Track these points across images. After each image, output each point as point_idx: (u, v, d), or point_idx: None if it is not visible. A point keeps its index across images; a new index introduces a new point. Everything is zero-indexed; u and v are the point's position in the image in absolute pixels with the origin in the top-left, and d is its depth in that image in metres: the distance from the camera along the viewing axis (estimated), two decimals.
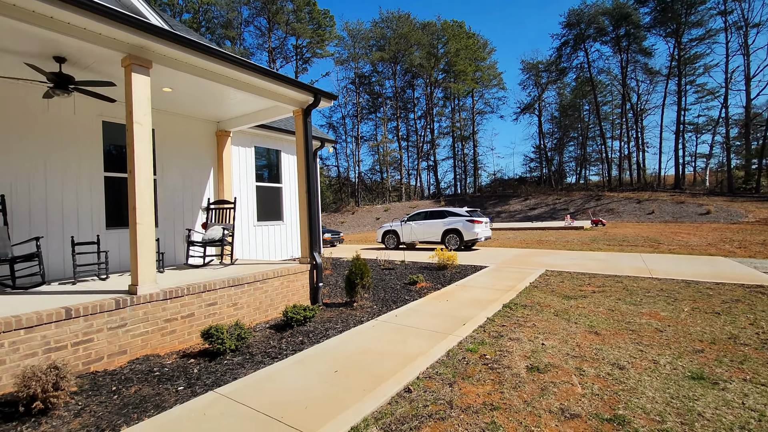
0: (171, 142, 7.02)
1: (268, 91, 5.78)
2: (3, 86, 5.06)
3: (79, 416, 2.91)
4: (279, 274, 5.69)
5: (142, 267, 4.17)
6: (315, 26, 49.20)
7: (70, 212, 5.70)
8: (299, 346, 4.39)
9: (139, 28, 3.97)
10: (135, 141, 4.17)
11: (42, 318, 3.39)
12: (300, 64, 50.86)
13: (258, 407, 2.98)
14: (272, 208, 9.15)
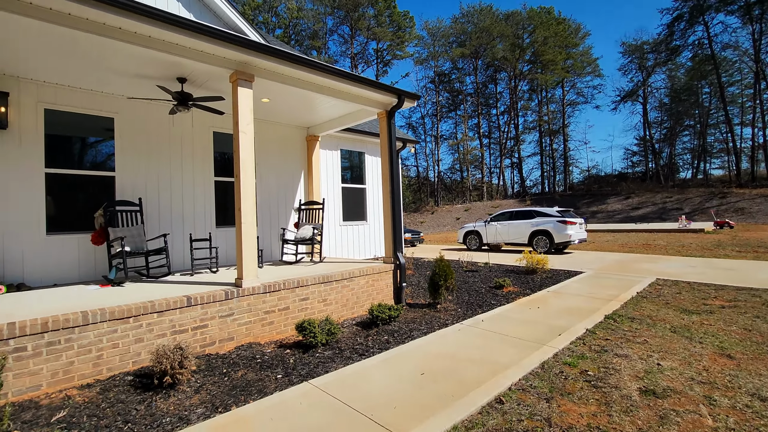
0: (268, 148, 7.67)
1: (355, 95, 5.98)
2: (141, 107, 6.00)
3: (198, 393, 3.31)
4: (364, 273, 5.85)
5: (246, 262, 4.61)
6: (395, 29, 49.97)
7: (189, 212, 6.55)
8: (385, 345, 4.45)
9: (245, 45, 4.39)
10: (240, 148, 4.62)
11: (170, 304, 3.93)
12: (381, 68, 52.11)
13: (348, 402, 3.07)
14: (356, 209, 9.48)
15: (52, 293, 4.53)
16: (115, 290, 4.59)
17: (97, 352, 3.50)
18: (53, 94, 5.34)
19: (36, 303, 3.95)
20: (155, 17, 3.72)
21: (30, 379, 3.17)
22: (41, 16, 3.42)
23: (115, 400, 3.16)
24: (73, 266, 5.42)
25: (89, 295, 4.34)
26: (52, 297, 4.27)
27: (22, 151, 5.11)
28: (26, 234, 5.11)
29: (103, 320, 3.53)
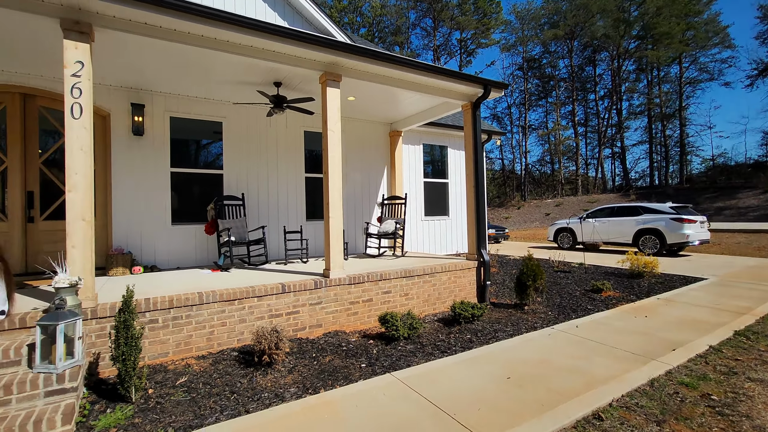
0: (353, 145, 7.95)
1: (438, 88, 5.87)
2: (244, 111, 6.66)
3: (291, 373, 3.58)
4: (447, 269, 5.76)
5: (333, 255, 4.85)
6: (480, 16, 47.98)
7: (283, 206, 7.12)
8: (468, 344, 4.33)
9: (333, 47, 4.59)
10: (329, 146, 4.85)
11: (267, 290, 4.32)
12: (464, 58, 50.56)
13: (430, 398, 3.05)
14: (438, 203, 9.36)
15: (175, 275, 5.29)
16: (223, 275, 5.19)
17: (210, 328, 3.99)
18: (176, 104, 6.19)
19: (164, 283, 4.65)
20: (257, 28, 4.07)
21: (160, 347, 3.75)
22: (169, 37, 3.97)
23: (223, 371, 3.58)
24: (190, 252, 6.26)
25: (203, 278, 4.97)
26: (175, 278, 4.99)
27: (154, 153, 6.03)
28: (158, 224, 6.04)
29: (214, 301, 4.01)
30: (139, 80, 5.57)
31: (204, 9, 3.77)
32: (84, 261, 3.47)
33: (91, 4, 3.44)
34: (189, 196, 6.42)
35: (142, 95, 5.92)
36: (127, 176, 5.83)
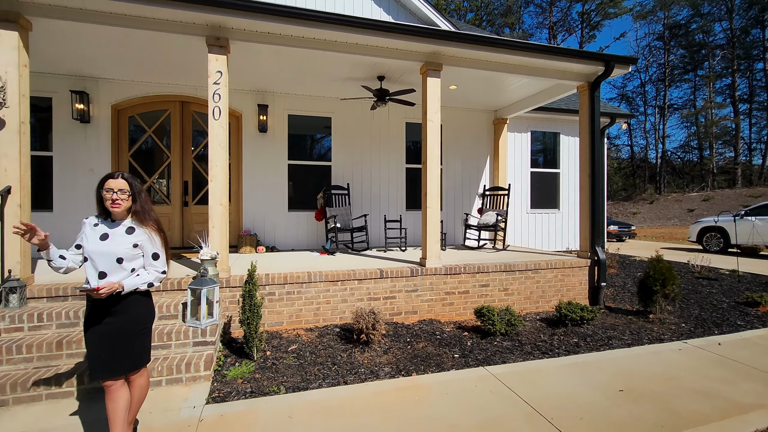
0: (454, 135, 7.83)
1: (549, 69, 5.39)
2: (350, 105, 7.08)
3: (386, 354, 3.76)
4: (552, 266, 5.32)
5: (429, 244, 4.89)
6: None
7: (384, 196, 7.41)
8: (574, 348, 3.96)
9: (432, 36, 4.57)
10: (428, 136, 4.88)
11: (367, 275, 4.58)
12: (587, 32, 44.98)
13: (525, 398, 2.90)
14: (547, 195, 8.65)
15: (289, 255, 5.97)
16: (329, 258, 5.66)
17: (317, 304, 4.42)
18: (292, 102, 6.90)
19: (280, 261, 5.29)
20: (359, 25, 4.28)
21: (276, 316, 4.30)
22: (305, 45, 4.44)
23: (327, 344, 3.94)
24: (302, 236, 6.97)
25: (312, 259, 5.50)
26: (290, 258, 5.62)
27: (275, 147, 6.84)
28: (277, 210, 6.87)
29: (321, 281, 4.42)
30: (263, 83, 6.35)
31: (317, 13, 4.11)
32: (221, 239, 4.16)
33: (228, 22, 4.04)
34: (302, 186, 7.13)
35: (266, 96, 6.75)
36: (254, 168, 6.74)
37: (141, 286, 2.07)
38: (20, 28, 3.64)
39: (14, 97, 3.60)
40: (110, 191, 2.02)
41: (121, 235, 2.07)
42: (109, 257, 2.02)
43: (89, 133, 5.98)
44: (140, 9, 3.78)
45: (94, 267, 2.03)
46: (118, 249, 2.04)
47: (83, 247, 2.05)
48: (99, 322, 2.03)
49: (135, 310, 2.10)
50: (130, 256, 2.07)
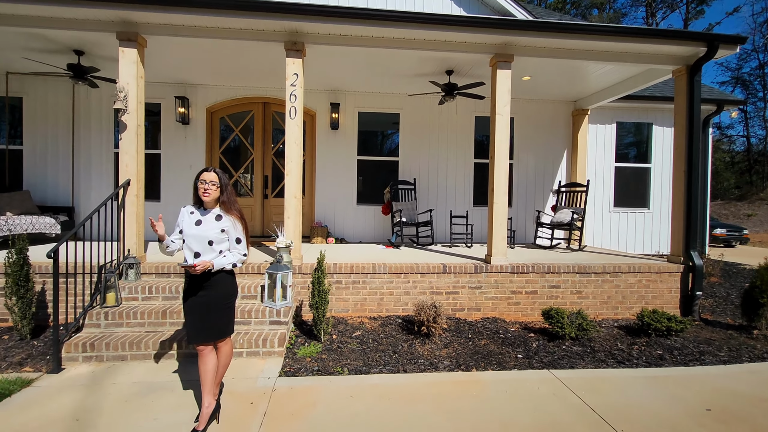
0: (527, 128, 7.47)
1: (637, 54, 4.89)
2: (417, 101, 7.12)
3: (446, 347, 3.79)
4: (635, 270, 4.86)
5: (495, 241, 4.77)
6: None
7: (451, 191, 7.34)
8: (656, 360, 3.61)
9: (504, 26, 4.42)
10: (496, 130, 4.74)
11: (430, 269, 4.63)
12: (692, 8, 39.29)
13: (594, 406, 2.73)
14: (635, 192, 7.84)
15: (357, 247, 6.23)
16: (394, 251, 5.80)
17: (380, 295, 4.58)
18: (362, 100, 7.14)
19: (348, 252, 5.55)
20: (426, 21, 4.30)
21: (342, 303, 4.54)
22: (376, 44, 4.62)
23: (389, 333, 4.08)
24: (369, 229, 7.21)
25: (378, 252, 5.68)
26: (357, 250, 5.87)
27: (345, 144, 7.15)
28: (346, 204, 7.19)
29: (384, 272, 4.57)
30: (336, 83, 6.67)
31: (384, 12, 4.23)
32: (295, 229, 4.51)
33: (304, 27, 4.34)
34: (370, 181, 7.36)
35: (338, 95, 7.08)
36: (326, 163, 7.12)
37: (227, 265, 2.38)
38: (138, 45, 4.30)
39: (133, 104, 4.27)
40: (204, 182, 2.36)
41: (211, 221, 2.39)
42: (202, 240, 2.36)
43: (188, 133, 6.82)
44: (230, 21, 4.23)
45: (190, 248, 2.38)
46: (209, 233, 2.36)
47: (183, 232, 2.42)
48: (195, 294, 2.38)
49: (222, 286, 2.42)
50: (218, 240, 2.38)
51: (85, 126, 6.62)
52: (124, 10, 4.04)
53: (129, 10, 4.04)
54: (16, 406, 2.66)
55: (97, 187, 6.62)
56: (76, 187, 6.59)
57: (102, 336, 3.50)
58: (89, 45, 5.11)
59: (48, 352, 3.52)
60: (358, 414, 2.60)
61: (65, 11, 4.07)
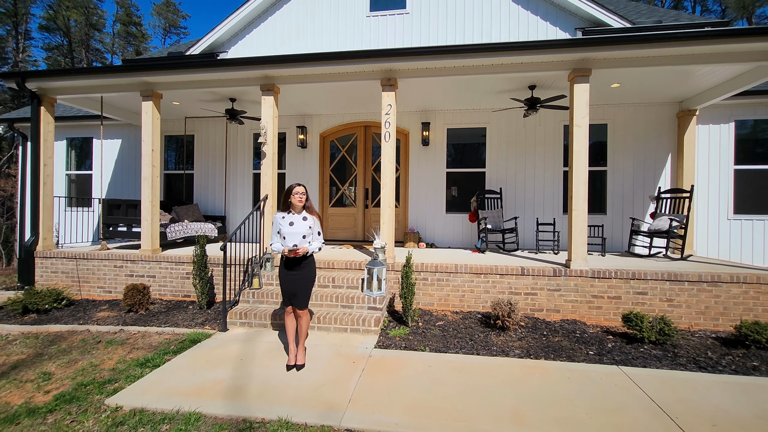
0: (622, 133, 7.24)
1: (738, 54, 4.64)
2: (503, 115, 7.50)
3: (519, 340, 4.21)
4: (740, 280, 4.55)
5: (575, 246, 4.98)
6: None
7: (538, 199, 7.50)
8: (747, 370, 3.51)
9: (577, 45, 4.70)
10: (574, 141, 4.98)
11: (508, 270, 5.05)
12: None
13: (660, 402, 2.90)
14: (761, 197, 6.94)
15: (445, 252, 6.86)
16: (479, 255, 6.29)
17: (462, 292, 5.16)
18: (451, 117, 7.80)
19: (436, 255, 6.23)
20: (502, 49, 4.83)
21: (428, 298, 5.24)
22: (457, 73, 5.35)
23: (468, 325, 4.64)
24: (458, 235, 7.78)
25: (464, 256, 6.25)
26: (444, 254, 6.51)
27: (435, 158, 7.88)
28: (436, 212, 7.89)
29: (465, 272, 5.15)
30: (425, 104, 7.48)
31: (463, 47, 4.90)
32: (388, 233, 5.39)
33: (395, 66, 5.26)
34: (458, 190, 7.94)
35: (428, 115, 7.87)
36: (418, 176, 7.94)
37: (315, 249, 3.51)
38: (274, 93, 5.71)
39: (270, 137, 5.67)
40: (297, 194, 3.49)
41: (300, 221, 3.50)
42: (297, 235, 3.45)
43: (306, 156, 8.33)
44: (337, 68, 5.37)
45: (288, 242, 3.46)
46: (301, 229, 3.45)
47: (280, 232, 3.47)
48: (291, 271, 3.49)
49: (311, 267, 3.58)
50: (308, 233, 3.48)
51: (233, 153, 8.60)
52: (265, 69, 5.47)
53: (268, 69, 5.46)
54: (205, 348, 3.99)
55: (241, 200, 8.52)
56: (227, 200, 8.57)
57: (251, 309, 4.80)
58: (239, 93, 6.82)
59: (217, 318, 4.96)
60: (435, 377, 3.28)
61: (228, 74, 5.69)
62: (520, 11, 7.91)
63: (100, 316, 5.23)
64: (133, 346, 4.13)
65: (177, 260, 5.94)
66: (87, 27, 35.79)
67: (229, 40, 9.04)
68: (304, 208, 3.56)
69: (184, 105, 7.62)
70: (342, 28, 8.53)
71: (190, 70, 5.80)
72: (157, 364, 3.60)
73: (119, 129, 8.96)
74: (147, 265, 6.03)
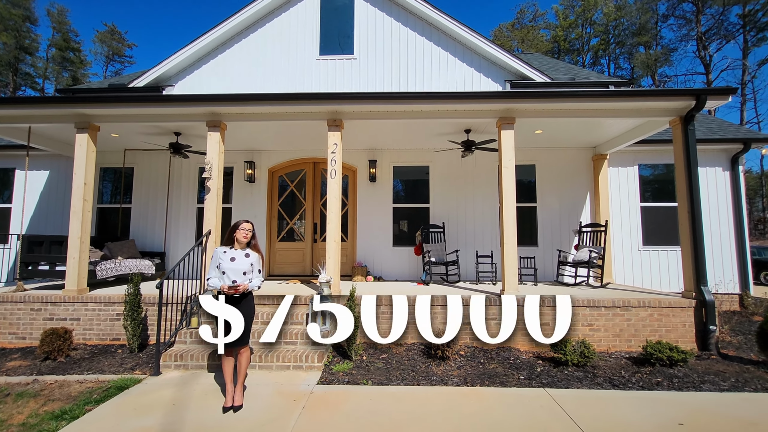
0: (549, 173, 8.07)
1: (634, 110, 5.51)
2: (444, 155, 8.08)
3: (458, 369, 4.41)
4: (646, 305, 5.16)
5: (508, 277, 5.38)
6: None
7: (479, 233, 8.01)
8: (652, 385, 3.95)
9: (501, 97, 5.36)
10: (503, 181, 5.52)
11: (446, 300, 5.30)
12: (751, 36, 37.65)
13: (576, 418, 3.20)
14: (664, 231, 7.95)
15: (391, 284, 7.04)
16: (423, 287, 6.53)
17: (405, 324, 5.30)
18: (396, 156, 8.25)
19: (381, 288, 6.38)
20: (438, 98, 5.36)
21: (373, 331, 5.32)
22: (399, 117, 5.76)
23: (411, 356, 4.77)
24: (404, 269, 8.02)
25: (409, 288, 6.45)
26: (390, 286, 6.68)
27: (382, 194, 8.21)
28: (383, 246, 8.11)
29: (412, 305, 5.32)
30: (373, 143, 7.88)
31: (402, 94, 5.38)
32: (334, 267, 5.48)
33: (341, 109, 5.59)
34: (404, 225, 8.27)
35: (375, 153, 8.27)
36: (366, 211, 8.19)
37: (255, 288, 3.52)
38: (221, 129, 5.78)
39: (215, 173, 5.67)
40: (243, 230, 3.53)
41: (242, 257, 3.50)
42: (238, 272, 3.43)
43: (254, 190, 8.30)
44: (285, 108, 5.62)
45: (228, 278, 3.43)
46: (243, 266, 3.46)
47: (220, 266, 3.45)
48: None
49: (251, 304, 3.58)
50: (249, 270, 3.49)
51: (176, 187, 8.35)
52: (212, 107, 5.55)
53: (215, 106, 5.56)
54: (133, 395, 3.75)
55: (183, 235, 8.20)
56: (167, 235, 8.21)
57: (187, 350, 4.59)
58: (185, 128, 6.77)
59: (150, 362, 4.67)
60: (375, 409, 3.35)
61: (174, 110, 5.69)
62: (457, 63, 8.75)
63: (10, 366, 4.71)
64: (49, 398, 3.77)
65: (107, 300, 5.56)
66: (17, 50, 33.56)
67: (177, 74, 9.02)
68: (249, 245, 3.59)
69: (124, 137, 7.39)
70: (292, 68, 8.86)
71: (133, 104, 5.73)
72: (76, 416, 3.31)
73: (48, 159, 8.41)
74: (71, 307, 5.57)
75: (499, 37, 46.47)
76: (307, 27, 8.97)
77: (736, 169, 7.82)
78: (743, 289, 7.60)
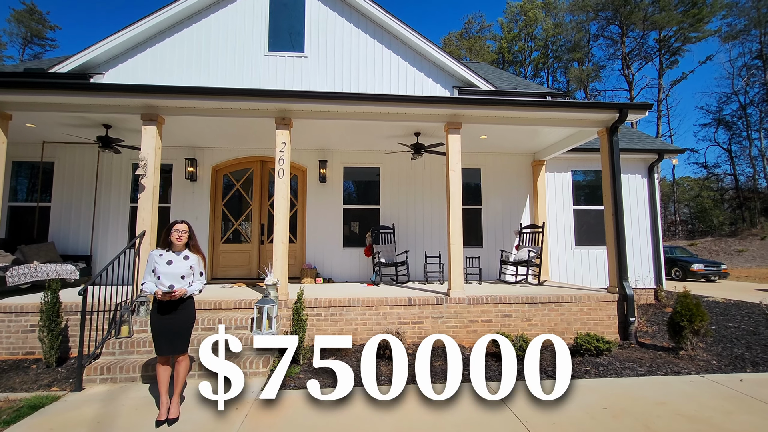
0: (494, 177, 8.47)
1: (564, 119, 5.96)
2: (395, 157, 8.19)
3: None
4: (577, 300, 5.59)
5: (454, 277, 5.56)
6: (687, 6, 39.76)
7: (427, 234, 8.21)
8: (581, 375, 4.27)
9: (448, 102, 5.54)
10: (450, 184, 5.71)
11: (397, 302, 5.38)
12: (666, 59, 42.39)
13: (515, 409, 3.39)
14: (594, 232, 8.66)
15: (341, 286, 6.99)
16: (373, 288, 6.56)
17: (355, 326, 5.30)
18: (347, 156, 8.22)
19: (331, 290, 6.31)
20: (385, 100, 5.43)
21: (321, 333, 5.25)
22: (350, 117, 5.72)
23: (359, 358, 4.74)
24: (355, 270, 8.00)
25: (359, 289, 6.44)
26: (340, 288, 6.63)
27: (332, 194, 8.13)
28: (334, 247, 8.03)
29: (358, 305, 5.32)
30: (323, 143, 7.79)
31: (350, 94, 5.37)
32: (282, 269, 5.33)
33: (290, 107, 5.46)
34: (355, 226, 8.26)
35: (326, 153, 8.17)
36: (316, 212, 8.06)
37: (195, 292, 3.29)
38: (158, 123, 5.39)
39: (151, 169, 5.27)
40: (177, 231, 3.28)
41: (181, 260, 3.27)
42: (175, 276, 3.20)
43: (195, 189, 7.84)
44: (229, 104, 5.37)
45: (163, 283, 3.18)
46: (181, 269, 3.23)
47: (155, 270, 3.21)
48: (166, 316, 3.20)
49: (189, 309, 3.33)
50: (188, 274, 3.26)
51: (106, 184, 7.67)
52: (148, 98, 5.17)
53: (152, 98, 5.18)
54: (50, 414, 3.37)
55: (113, 236, 7.54)
56: (95, 237, 7.50)
57: (116, 362, 4.22)
58: (116, 121, 6.23)
59: (71, 377, 4.23)
60: (320, 413, 3.30)
61: (104, 100, 5.21)
62: (408, 67, 8.91)
63: None
64: None
65: (18, 310, 4.95)
66: None
67: (108, 62, 8.29)
68: (187, 247, 3.36)
69: (42, 128, 6.64)
70: (239, 63, 8.51)
71: (54, 92, 5.18)
72: None
73: None
74: None
75: (449, 45, 48.05)
76: (255, 21, 8.67)
77: (652, 177, 8.73)
78: (658, 284, 8.49)
